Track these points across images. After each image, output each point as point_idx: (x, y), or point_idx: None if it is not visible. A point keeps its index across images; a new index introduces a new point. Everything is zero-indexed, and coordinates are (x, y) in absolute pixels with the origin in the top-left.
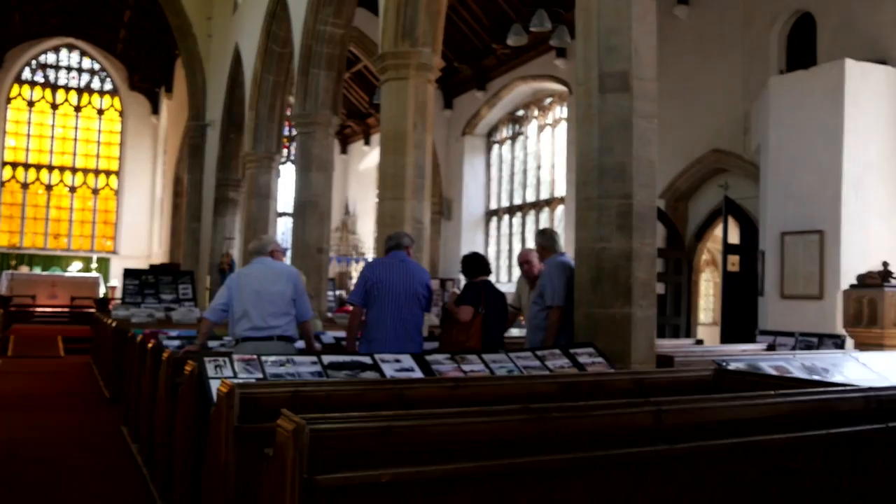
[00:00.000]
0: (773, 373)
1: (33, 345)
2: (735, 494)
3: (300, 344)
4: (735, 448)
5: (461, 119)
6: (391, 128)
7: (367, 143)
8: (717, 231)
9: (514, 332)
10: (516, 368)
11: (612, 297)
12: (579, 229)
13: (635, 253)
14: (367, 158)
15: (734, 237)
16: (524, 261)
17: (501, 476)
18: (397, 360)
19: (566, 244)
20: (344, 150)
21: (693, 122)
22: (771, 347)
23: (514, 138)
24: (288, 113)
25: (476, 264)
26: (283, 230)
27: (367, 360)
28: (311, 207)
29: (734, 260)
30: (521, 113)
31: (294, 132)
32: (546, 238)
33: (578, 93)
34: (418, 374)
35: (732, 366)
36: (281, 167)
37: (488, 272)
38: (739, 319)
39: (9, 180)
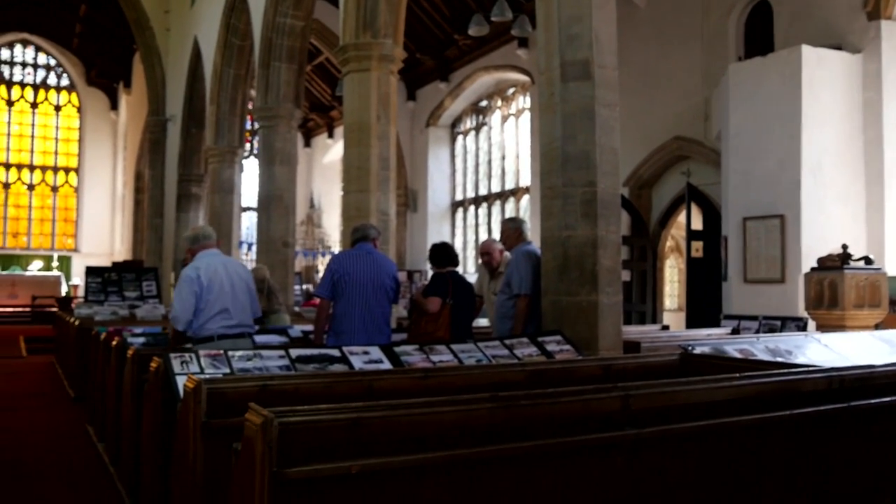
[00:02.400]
0: (738, 356)
1: None
2: (702, 476)
3: (262, 339)
4: (702, 431)
5: (425, 110)
6: (354, 120)
7: (330, 135)
8: (681, 218)
9: (483, 321)
10: (485, 358)
11: (578, 285)
12: (544, 218)
13: (600, 240)
14: (331, 151)
15: (697, 223)
16: (484, 252)
17: (471, 464)
18: (366, 352)
19: (532, 233)
20: (307, 144)
21: (654, 109)
22: (735, 331)
23: (478, 129)
24: (250, 106)
25: (444, 255)
26: (248, 225)
27: (335, 352)
28: (275, 201)
29: (698, 246)
30: (484, 103)
31: (256, 126)
32: (514, 224)
33: (540, 82)
34: (387, 365)
35: (698, 350)
36: (244, 161)
37: (456, 263)
38: (704, 304)
39: None
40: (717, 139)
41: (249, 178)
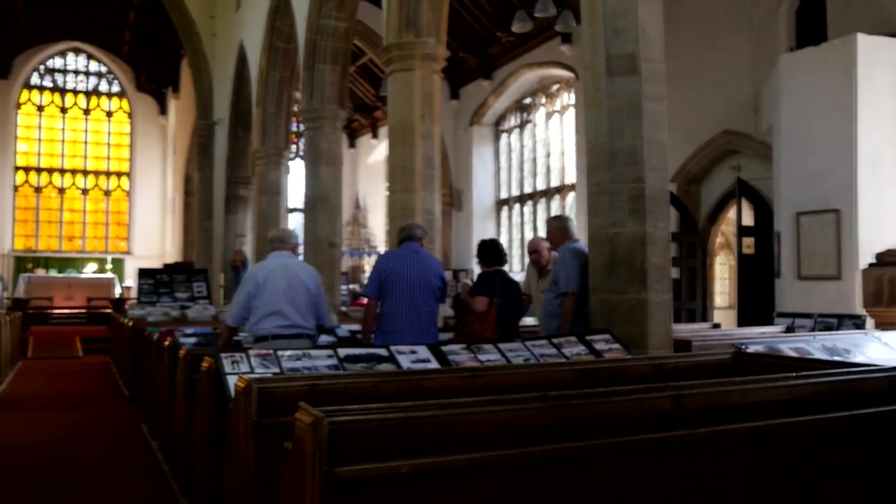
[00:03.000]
0: (794, 354)
1: (52, 346)
2: (757, 478)
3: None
4: (756, 432)
5: (468, 109)
6: (398, 120)
7: (374, 136)
8: (731, 213)
9: (529, 320)
10: (533, 357)
11: (626, 283)
12: (591, 215)
13: (649, 237)
14: (376, 151)
15: (748, 219)
16: (533, 250)
17: (520, 465)
18: (413, 352)
19: (579, 230)
20: (352, 144)
21: (703, 103)
22: (789, 329)
23: (522, 126)
24: (295, 108)
25: (492, 252)
26: (295, 226)
27: (383, 352)
28: (321, 202)
29: (749, 242)
30: (528, 101)
31: (302, 127)
32: (559, 223)
33: (586, 77)
34: (434, 364)
35: (751, 349)
36: (290, 163)
37: (503, 261)
38: (756, 302)
39: (22, 185)
40: (767, 132)
41: (296, 180)
